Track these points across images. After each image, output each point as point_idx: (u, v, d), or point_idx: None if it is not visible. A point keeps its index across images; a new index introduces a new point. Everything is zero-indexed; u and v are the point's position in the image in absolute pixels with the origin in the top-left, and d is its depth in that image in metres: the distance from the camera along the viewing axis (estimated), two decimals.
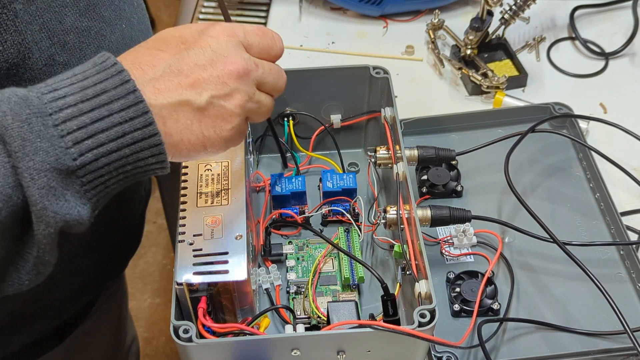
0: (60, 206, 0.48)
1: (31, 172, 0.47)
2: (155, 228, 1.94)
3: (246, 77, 0.56)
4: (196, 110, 0.54)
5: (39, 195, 0.47)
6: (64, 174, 0.48)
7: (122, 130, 0.50)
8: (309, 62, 1.06)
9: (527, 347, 0.72)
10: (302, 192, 0.81)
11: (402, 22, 1.13)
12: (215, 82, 0.54)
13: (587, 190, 0.85)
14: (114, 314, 0.97)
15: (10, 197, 0.46)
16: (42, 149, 0.47)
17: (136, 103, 0.50)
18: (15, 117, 0.47)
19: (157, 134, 0.51)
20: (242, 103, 0.56)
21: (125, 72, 0.51)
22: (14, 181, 0.47)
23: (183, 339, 0.59)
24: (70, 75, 0.51)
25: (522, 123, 0.90)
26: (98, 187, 0.51)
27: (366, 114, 0.85)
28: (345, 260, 0.75)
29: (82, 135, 0.49)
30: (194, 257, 0.63)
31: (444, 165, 0.85)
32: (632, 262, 0.77)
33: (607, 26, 1.11)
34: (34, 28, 0.58)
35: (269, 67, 0.59)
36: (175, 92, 0.53)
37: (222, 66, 0.55)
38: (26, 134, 0.47)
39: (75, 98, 0.49)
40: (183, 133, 0.54)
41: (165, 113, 0.53)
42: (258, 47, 0.58)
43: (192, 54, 0.54)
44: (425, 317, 0.60)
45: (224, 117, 0.55)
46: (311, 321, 0.71)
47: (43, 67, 0.59)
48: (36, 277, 0.51)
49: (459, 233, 0.79)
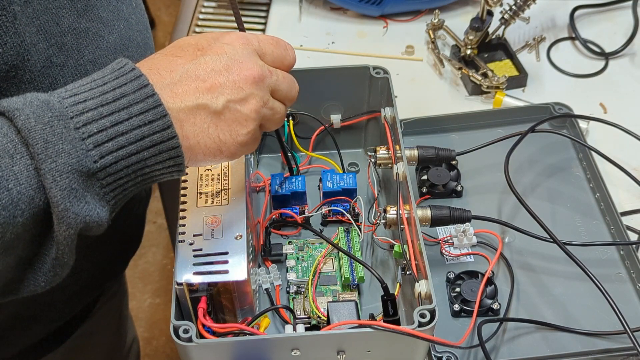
0: (81, 207, 0.49)
1: (54, 174, 0.48)
2: (155, 228, 1.94)
3: (261, 83, 0.57)
4: (213, 114, 0.55)
5: (61, 196, 0.48)
6: (85, 176, 0.49)
7: (142, 133, 0.51)
8: (309, 62, 1.06)
9: (527, 347, 0.72)
10: (302, 192, 0.81)
11: (402, 22, 1.13)
12: (231, 87, 0.56)
13: (587, 190, 0.85)
14: (115, 314, 0.97)
15: (32, 198, 0.48)
16: (65, 151, 0.48)
17: (155, 106, 0.51)
18: (38, 119, 0.48)
19: (175, 136, 0.52)
20: (258, 108, 0.57)
21: (143, 77, 0.52)
22: (36, 183, 0.48)
23: (183, 339, 0.59)
24: (90, 81, 0.52)
25: (522, 123, 0.90)
26: (117, 190, 0.52)
27: (366, 114, 0.85)
28: (345, 260, 0.75)
29: (102, 138, 0.50)
30: (194, 257, 0.63)
31: (444, 165, 0.85)
32: (632, 262, 0.77)
33: (607, 26, 1.11)
34: (32, 30, 0.58)
35: (283, 75, 0.60)
36: (193, 96, 0.54)
37: (238, 71, 0.56)
38: (49, 136, 0.48)
39: (95, 102, 0.50)
40: (200, 136, 0.55)
41: (183, 116, 0.54)
42: (272, 56, 0.60)
43: (208, 59, 0.56)
44: (425, 317, 0.60)
45: (240, 122, 0.56)
46: (311, 321, 0.71)
47: (41, 69, 0.59)
48: (52, 278, 0.52)
49: (459, 233, 0.79)
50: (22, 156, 0.48)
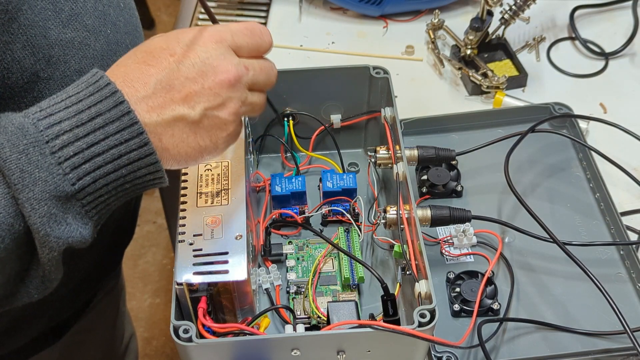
0: (62, 231, 0.49)
1: (32, 202, 0.48)
2: (155, 228, 1.94)
3: (238, 84, 0.56)
4: (191, 124, 0.54)
5: (40, 223, 0.48)
6: (63, 200, 0.49)
7: (119, 152, 0.51)
8: (309, 62, 1.06)
9: (527, 347, 0.72)
10: (302, 192, 0.81)
11: (402, 22, 1.13)
12: (207, 94, 0.55)
13: (587, 190, 0.85)
14: (112, 311, 0.97)
15: (12, 225, 0.48)
16: (41, 179, 0.48)
17: (131, 124, 0.51)
18: (13, 148, 0.48)
19: (152, 153, 0.52)
20: (236, 110, 0.56)
21: (119, 93, 0.51)
22: (14, 210, 0.48)
23: (183, 339, 0.59)
24: (64, 98, 0.51)
25: (522, 123, 0.90)
26: (99, 206, 0.52)
27: (366, 114, 0.85)
28: (345, 260, 0.75)
29: (79, 160, 0.49)
30: (194, 257, 0.63)
31: (444, 165, 0.85)
32: (632, 262, 0.77)
33: (607, 26, 1.11)
34: (16, 47, 0.57)
35: (259, 67, 0.59)
36: (169, 108, 0.53)
37: (213, 77, 0.55)
38: (24, 166, 0.48)
39: (70, 123, 0.50)
40: (180, 147, 0.54)
41: (161, 130, 0.53)
42: (247, 48, 0.58)
43: (181, 67, 0.54)
44: (425, 317, 0.60)
45: (219, 126, 0.56)
46: (311, 321, 0.71)
47: (24, 85, 0.59)
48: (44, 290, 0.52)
49: (459, 233, 0.79)
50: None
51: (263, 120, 0.85)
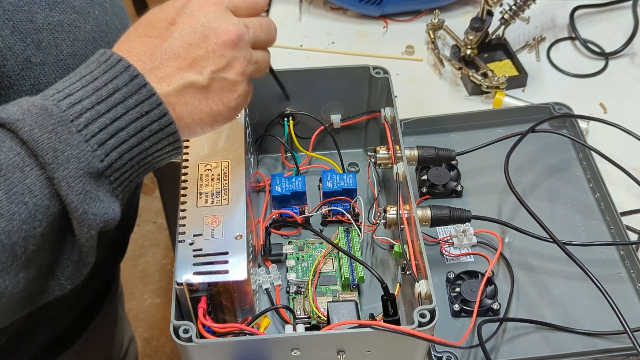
0: (97, 207, 0.50)
1: (68, 180, 0.48)
2: (155, 228, 1.94)
3: (240, 43, 0.57)
4: (201, 89, 0.55)
5: (78, 200, 0.48)
6: (95, 177, 0.50)
7: (141, 125, 0.51)
8: (309, 62, 1.06)
9: (527, 347, 0.72)
10: (302, 192, 0.81)
11: (402, 22, 1.13)
12: (212, 57, 0.55)
13: (587, 190, 0.85)
14: (111, 317, 0.96)
15: (48, 207, 0.48)
16: (74, 156, 0.48)
17: (149, 96, 0.52)
18: (42, 129, 0.48)
19: (172, 122, 0.53)
20: (243, 69, 0.57)
21: (132, 67, 0.52)
22: (49, 192, 0.48)
23: (183, 339, 0.59)
24: (79, 78, 0.52)
25: (522, 123, 0.90)
26: (124, 183, 0.52)
27: (366, 114, 0.85)
28: (345, 260, 0.75)
29: (104, 136, 0.50)
30: (194, 257, 0.63)
31: (444, 165, 0.85)
32: (632, 262, 0.77)
33: (607, 26, 1.11)
34: (5, 33, 0.57)
35: (259, 24, 0.59)
36: (177, 76, 0.54)
37: (215, 39, 0.55)
38: (56, 145, 0.48)
39: (90, 101, 0.50)
40: (193, 114, 0.55)
41: (173, 99, 0.54)
42: (244, 7, 0.59)
43: (183, 34, 0.55)
44: (425, 317, 0.60)
45: (229, 88, 0.56)
46: (311, 321, 0.71)
47: (20, 72, 0.59)
48: (77, 279, 0.53)
49: (459, 233, 0.79)
50: (32, 168, 0.48)
51: (263, 120, 0.85)
